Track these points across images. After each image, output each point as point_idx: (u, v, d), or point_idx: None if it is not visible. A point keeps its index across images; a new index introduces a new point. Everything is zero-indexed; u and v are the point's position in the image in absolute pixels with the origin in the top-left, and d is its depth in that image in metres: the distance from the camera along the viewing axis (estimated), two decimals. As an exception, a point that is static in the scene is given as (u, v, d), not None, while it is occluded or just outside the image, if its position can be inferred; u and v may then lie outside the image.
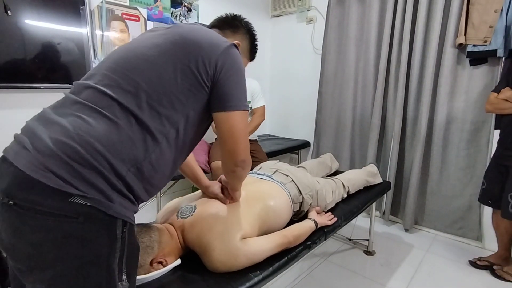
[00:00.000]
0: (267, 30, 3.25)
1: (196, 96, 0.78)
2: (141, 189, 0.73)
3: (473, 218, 2.14)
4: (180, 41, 0.78)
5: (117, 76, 0.74)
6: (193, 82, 0.76)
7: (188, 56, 0.76)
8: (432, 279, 1.79)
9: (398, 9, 2.27)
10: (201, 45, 0.78)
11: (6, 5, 1.56)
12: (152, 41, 0.79)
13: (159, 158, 0.74)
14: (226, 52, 0.80)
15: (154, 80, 0.74)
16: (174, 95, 0.75)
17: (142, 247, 0.90)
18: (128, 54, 0.78)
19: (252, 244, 1.01)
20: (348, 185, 1.70)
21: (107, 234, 0.65)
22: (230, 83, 0.80)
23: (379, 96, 2.40)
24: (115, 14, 2.04)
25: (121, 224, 0.67)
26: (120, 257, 0.67)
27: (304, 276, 1.82)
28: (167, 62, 0.75)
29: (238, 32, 1.03)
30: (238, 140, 0.82)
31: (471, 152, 2.11)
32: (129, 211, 0.69)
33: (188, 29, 0.82)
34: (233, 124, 0.81)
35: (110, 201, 0.65)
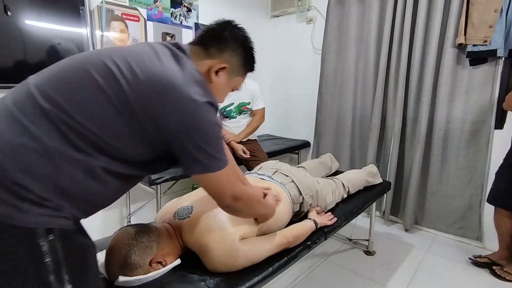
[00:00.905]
0: (267, 30, 3.25)
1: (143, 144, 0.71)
2: (69, 206, 0.66)
3: (473, 218, 2.14)
4: (136, 85, 0.67)
5: (57, 84, 0.67)
6: (140, 129, 0.68)
7: (142, 102, 0.67)
8: (432, 279, 1.79)
9: (398, 9, 2.27)
10: (162, 93, 0.67)
11: (6, 6, 1.56)
12: (109, 63, 0.68)
13: (93, 181, 0.67)
14: (189, 114, 0.69)
15: (95, 109, 0.66)
16: (115, 132, 0.67)
17: (141, 247, 0.90)
18: (79, 67, 0.69)
19: (252, 245, 1.01)
20: (348, 185, 1.70)
21: (26, 247, 0.59)
22: (194, 147, 0.71)
23: (379, 96, 2.40)
24: (115, 14, 2.04)
25: (43, 233, 0.60)
26: (56, 267, 0.61)
27: (304, 276, 1.82)
28: (112, 101, 0.66)
29: (226, 50, 0.85)
30: (221, 193, 0.81)
31: (471, 152, 2.11)
32: (52, 217, 0.63)
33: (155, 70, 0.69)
34: (212, 184, 0.79)
35: (20, 212, 0.59)
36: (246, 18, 2.98)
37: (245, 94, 2.36)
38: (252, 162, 2.16)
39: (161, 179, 1.85)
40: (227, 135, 2.28)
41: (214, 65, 0.83)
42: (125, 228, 0.96)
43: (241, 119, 2.39)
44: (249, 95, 2.37)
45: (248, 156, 2.22)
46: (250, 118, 2.44)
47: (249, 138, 2.40)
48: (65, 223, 0.65)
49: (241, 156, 2.22)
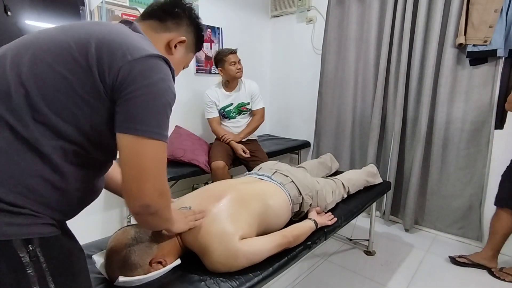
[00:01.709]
0: (267, 30, 3.25)
1: (90, 108, 0.61)
2: (44, 208, 0.60)
3: (473, 218, 2.14)
4: (84, 37, 0.62)
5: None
6: (86, 89, 0.60)
7: (86, 56, 0.60)
8: (432, 279, 1.79)
9: (398, 9, 2.27)
10: (109, 44, 0.62)
11: (6, 6, 1.56)
12: (54, 34, 0.64)
13: (56, 172, 0.61)
14: (142, 61, 0.62)
15: (38, 79, 0.59)
16: (61, 103, 0.59)
17: (141, 248, 0.90)
18: (17, 47, 0.64)
19: (252, 245, 1.01)
20: (348, 185, 1.70)
21: (5, 261, 0.55)
22: (138, 99, 0.61)
23: (379, 96, 2.40)
24: (115, 15, 2.04)
25: (22, 244, 0.56)
26: (40, 277, 0.58)
27: (304, 276, 1.82)
28: (59, 61, 0.60)
29: (182, 24, 0.82)
30: (141, 176, 0.64)
31: (471, 152, 2.11)
32: (31, 226, 0.58)
33: (102, 26, 0.67)
34: (136, 153, 0.63)
35: None
36: (246, 18, 2.99)
37: (245, 94, 2.36)
38: (252, 162, 2.16)
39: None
40: (227, 135, 2.29)
41: (173, 38, 0.81)
42: (125, 228, 0.96)
43: (240, 119, 2.39)
44: (249, 95, 2.37)
45: (248, 156, 2.22)
46: (250, 118, 2.44)
47: (249, 138, 2.41)
48: (45, 230, 0.60)
49: (241, 156, 2.22)
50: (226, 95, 2.33)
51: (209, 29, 2.65)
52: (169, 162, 2.19)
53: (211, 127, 2.37)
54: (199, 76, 2.66)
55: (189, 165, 2.09)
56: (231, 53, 2.22)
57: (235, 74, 2.23)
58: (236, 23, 2.89)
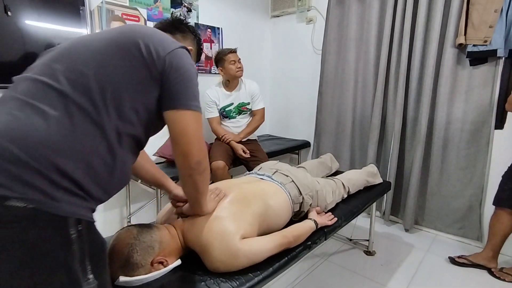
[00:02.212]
0: (267, 30, 3.25)
1: (146, 89, 0.76)
2: (96, 187, 0.68)
3: (473, 218, 2.14)
4: (131, 34, 0.77)
5: (60, 65, 0.70)
6: (142, 74, 0.75)
7: (135, 45, 0.75)
8: (432, 279, 1.79)
9: (398, 9, 2.27)
10: (152, 38, 0.78)
11: (6, 6, 1.56)
12: (102, 35, 0.78)
13: (110, 152, 0.70)
14: (178, 52, 0.80)
15: (101, 70, 0.71)
16: (122, 87, 0.72)
17: (143, 247, 0.90)
18: (74, 45, 0.75)
19: (252, 244, 1.01)
20: (348, 185, 1.70)
21: (59, 235, 0.61)
22: (182, 82, 0.79)
23: (379, 96, 2.40)
24: (115, 15, 2.05)
25: (74, 222, 0.63)
26: (81, 256, 0.63)
27: (304, 276, 1.82)
28: (116, 52, 0.73)
29: (188, 37, 1.04)
30: (191, 140, 0.80)
31: (471, 152, 2.11)
32: (81, 208, 0.65)
33: (141, 26, 0.84)
34: (185, 123, 0.79)
35: (55, 200, 0.61)
36: (246, 18, 2.99)
37: (245, 94, 2.36)
38: (252, 162, 2.16)
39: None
40: (227, 135, 2.28)
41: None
42: (127, 228, 0.96)
43: (240, 119, 2.39)
44: (249, 95, 2.37)
45: (248, 156, 2.22)
46: (250, 118, 2.44)
47: (249, 138, 2.40)
48: (90, 215, 0.67)
49: (241, 156, 2.22)
50: (227, 94, 2.33)
51: (209, 29, 2.65)
52: (169, 162, 2.21)
53: (211, 126, 2.37)
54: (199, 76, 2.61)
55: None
56: (230, 52, 2.23)
57: (235, 73, 2.23)
58: (236, 23, 2.89)
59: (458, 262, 1.91)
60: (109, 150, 0.70)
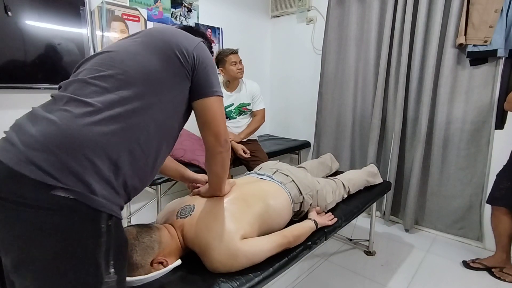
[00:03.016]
0: (267, 30, 3.25)
1: (180, 83, 0.84)
2: (132, 176, 0.74)
3: (473, 218, 2.14)
4: (158, 35, 0.85)
5: (103, 67, 0.77)
6: (177, 69, 0.82)
7: (168, 46, 0.82)
8: (432, 280, 1.79)
9: (398, 9, 2.27)
10: (178, 37, 0.86)
11: (6, 6, 1.56)
12: (131, 41, 0.85)
13: (148, 141, 0.77)
14: (201, 45, 0.89)
15: (139, 68, 0.78)
16: (160, 81, 0.80)
17: (142, 247, 0.90)
18: (111, 51, 0.82)
19: (252, 245, 1.01)
20: (348, 185, 1.70)
21: (91, 227, 0.65)
22: (208, 72, 0.88)
23: (379, 96, 2.40)
24: (115, 15, 2.05)
25: (106, 217, 0.67)
26: (107, 250, 0.67)
27: (304, 277, 1.82)
28: (151, 53, 0.80)
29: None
30: (219, 122, 0.90)
31: (472, 152, 2.11)
32: (113, 204, 0.69)
33: (162, 27, 0.92)
34: (214, 108, 0.89)
35: (93, 194, 0.65)
36: (246, 18, 2.99)
37: (245, 95, 2.36)
38: (252, 162, 2.16)
39: (161, 179, 1.85)
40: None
41: None
42: (126, 228, 0.96)
43: (241, 119, 2.39)
44: (249, 96, 2.37)
45: (248, 156, 2.22)
46: (250, 119, 2.44)
47: (250, 138, 2.40)
48: (119, 212, 0.71)
49: (241, 156, 2.22)
50: (227, 95, 2.33)
51: (209, 29, 2.65)
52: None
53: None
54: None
55: (189, 165, 2.08)
56: (232, 53, 2.22)
57: (236, 74, 2.23)
58: (236, 23, 2.89)
59: (473, 266, 1.88)
60: (149, 141, 0.77)
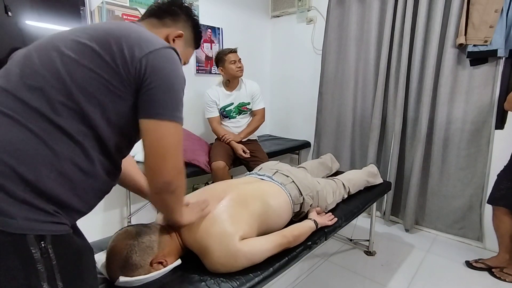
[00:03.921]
0: (267, 30, 3.25)
1: (117, 96, 0.68)
2: (71, 196, 0.64)
3: (473, 218, 2.14)
4: (102, 36, 0.69)
5: (21, 70, 0.65)
6: (112, 79, 0.67)
7: (110, 52, 0.67)
8: (432, 280, 1.79)
9: (398, 9, 2.27)
10: (127, 41, 0.69)
11: (6, 6, 1.56)
12: (70, 36, 0.70)
13: (85, 160, 0.66)
14: (156, 54, 0.70)
15: (65, 74, 0.65)
16: (89, 93, 0.66)
17: (142, 248, 0.90)
18: (39, 47, 0.69)
19: (252, 245, 1.01)
20: (348, 185, 1.70)
21: (16, 256, 0.56)
22: (159, 88, 0.70)
23: (379, 96, 2.40)
24: (116, 15, 2.05)
25: (35, 240, 0.57)
26: (49, 274, 0.58)
27: (304, 277, 1.82)
28: (84, 57, 0.66)
29: (179, 20, 0.90)
30: (164, 155, 0.72)
31: (472, 152, 2.11)
32: (44, 223, 0.59)
33: (116, 25, 0.74)
34: (159, 135, 0.71)
35: (9, 217, 0.55)
36: (246, 18, 2.99)
37: (245, 94, 2.36)
38: (252, 162, 2.16)
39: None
40: (227, 135, 2.29)
41: (171, 32, 0.88)
42: (126, 229, 0.96)
43: (240, 119, 2.39)
44: (249, 95, 2.37)
45: (248, 156, 2.22)
46: (250, 118, 2.44)
47: (249, 138, 2.40)
48: (58, 228, 0.61)
49: (241, 156, 2.22)
50: (227, 94, 2.33)
51: (209, 29, 2.65)
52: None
53: (211, 126, 2.37)
54: (200, 76, 2.66)
55: (189, 165, 2.09)
56: (231, 52, 2.23)
57: (235, 73, 2.24)
58: (236, 23, 2.89)
59: (476, 266, 1.88)
60: (84, 155, 0.65)
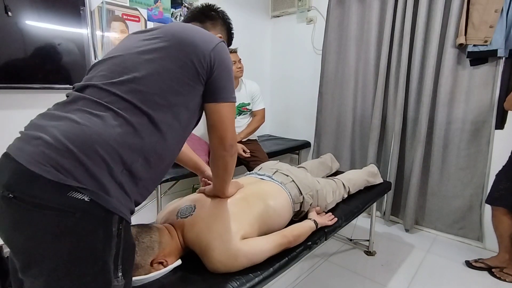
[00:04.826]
0: (267, 30, 3.25)
1: (194, 89, 0.82)
2: (147, 180, 0.76)
3: (473, 218, 2.14)
4: (174, 40, 0.82)
5: (116, 74, 0.77)
6: (191, 76, 0.81)
7: (184, 52, 0.80)
8: (432, 280, 1.79)
9: (398, 9, 2.27)
10: (195, 41, 0.82)
11: (6, 6, 1.56)
12: (144, 42, 0.82)
13: (164, 148, 0.78)
14: (218, 48, 0.85)
15: (154, 75, 0.77)
16: (175, 89, 0.79)
17: (142, 248, 0.90)
18: (124, 55, 0.81)
19: (252, 245, 1.01)
20: (348, 185, 1.70)
21: (102, 231, 0.65)
22: (222, 77, 0.85)
23: (379, 96, 2.40)
24: (116, 15, 2.05)
25: (117, 220, 0.67)
26: (116, 254, 0.67)
27: (304, 277, 1.82)
28: (165, 59, 0.79)
29: (217, 24, 1.05)
30: (227, 127, 0.88)
31: (472, 152, 2.11)
32: (125, 208, 0.69)
33: (180, 28, 0.87)
34: (223, 113, 0.87)
35: (108, 195, 0.65)
36: (246, 18, 2.99)
37: (245, 95, 2.36)
38: (252, 162, 2.16)
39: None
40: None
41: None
42: (126, 229, 0.96)
43: (240, 119, 2.39)
44: (249, 96, 2.37)
45: (248, 156, 2.22)
46: (250, 119, 2.44)
47: (249, 138, 2.41)
48: (129, 216, 0.72)
49: (241, 156, 2.22)
50: (227, 95, 2.33)
51: (209, 29, 2.65)
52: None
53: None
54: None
55: (189, 165, 2.09)
56: (231, 52, 2.23)
57: (235, 74, 2.24)
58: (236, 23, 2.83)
59: (475, 266, 1.89)
60: (165, 146, 0.78)
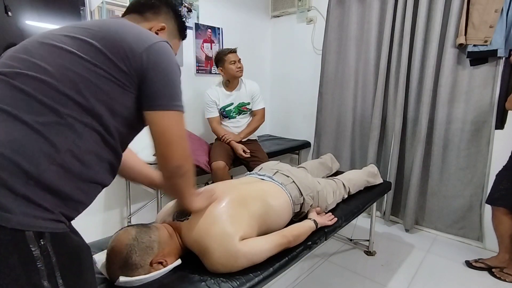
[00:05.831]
0: (267, 30, 3.25)
1: (122, 90, 0.70)
2: (72, 188, 0.63)
3: (473, 218, 2.14)
4: (102, 33, 0.71)
5: (19, 63, 0.64)
6: (116, 74, 0.69)
7: (111, 47, 0.69)
8: (432, 280, 1.79)
9: (398, 9, 2.27)
10: (125, 37, 0.71)
11: (6, 6, 1.56)
12: (67, 34, 0.70)
13: (86, 151, 0.65)
14: (153, 48, 0.73)
15: (69, 68, 0.65)
16: (93, 84, 0.66)
17: (142, 248, 0.90)
18: (36, 42, 0.69)
19: (252, 245, 1.01)
20: (348, 185, 1.70)
21: (16, 253, 0.54)
22: (158, 80, 0.73)
23: (379, 96, 2.40)
24: (115, 15, 2.04)
25: (34, 237, 0.56)
26: (49, 272, 0.58)
27: (304, 277, 1.82)
28: (86, 53, 0.67)
29: (160, 13, 0.91)
30: (170, 142, 0.76)
31: (472, 152, 2.11)
32: (42, 219, 0.58)
33: (112, 22, 0.76)
34: (164, 125, 0.75)
35: (8, 212, 0.54)
36: (246, 18, 2.99)
37: (245, 94, 2.36)
38: (252, 162, 2.16)
39: (161, 179, 1.85)
40: (227, 135, 2.29)
41: (153, 26, 0.88)
42: (126, 229, 0.96)
43: (240, 119, 2.39)
44: (249, 95, 2.37)
45: (248, 156, 2.22)
46: (250, 118, 2.44)
47: (249, 138, 2.40)
48: (57, 226, 0.61)
49: (241, 156, 2.22)
50: (227, 94, 2.34)
51: (209, 29, 2.65)
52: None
53: (211, 126, 2.37)
54: (200, 76, 2.66)
55: (189, 165, 2.09)
56: (230, 52, 2.23)
57: (235, 73, 2.24)
58: (236, 23, 2.89)
59: (475, 266, 1.89)
60: (86, 148, 0.65)
